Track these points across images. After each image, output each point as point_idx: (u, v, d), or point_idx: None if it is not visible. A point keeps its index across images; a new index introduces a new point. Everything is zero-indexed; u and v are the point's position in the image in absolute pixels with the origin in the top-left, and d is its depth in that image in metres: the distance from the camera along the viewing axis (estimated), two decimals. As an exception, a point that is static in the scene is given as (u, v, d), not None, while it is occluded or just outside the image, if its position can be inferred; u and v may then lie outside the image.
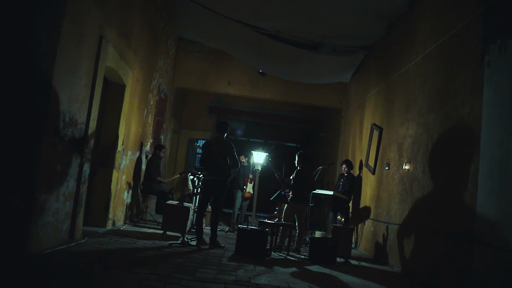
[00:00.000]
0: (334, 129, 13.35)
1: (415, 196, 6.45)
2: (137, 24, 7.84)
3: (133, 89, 8.11)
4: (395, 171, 7.42)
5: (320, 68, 10.56)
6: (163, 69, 10.68)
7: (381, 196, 8.05)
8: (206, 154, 7.42)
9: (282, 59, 10.47)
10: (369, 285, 5.31)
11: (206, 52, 12.26)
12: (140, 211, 9.57)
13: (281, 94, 12.37)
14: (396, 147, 7.50)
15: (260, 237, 6.53)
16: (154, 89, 9.91)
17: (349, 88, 11.74)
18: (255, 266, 5.65)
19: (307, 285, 4.86)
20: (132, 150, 8.57)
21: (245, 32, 9.70)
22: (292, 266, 6.12)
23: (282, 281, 4.94)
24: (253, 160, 9.58)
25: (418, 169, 6.44)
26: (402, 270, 6.57)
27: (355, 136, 10.55)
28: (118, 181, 7.81)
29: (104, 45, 6.16)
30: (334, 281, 5.40)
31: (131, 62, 7.76)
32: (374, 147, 8.71)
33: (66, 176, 5.44)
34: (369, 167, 8.89)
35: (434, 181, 5.92)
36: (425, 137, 6.34)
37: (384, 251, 7.42)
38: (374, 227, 8.23)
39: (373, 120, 9.10)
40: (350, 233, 7.84)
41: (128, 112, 7.92)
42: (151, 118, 9.98)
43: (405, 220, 6.76)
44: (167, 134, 12.54)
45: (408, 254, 6.44)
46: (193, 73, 12.20)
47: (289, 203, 7.72)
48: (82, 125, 5.81)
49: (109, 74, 7.04)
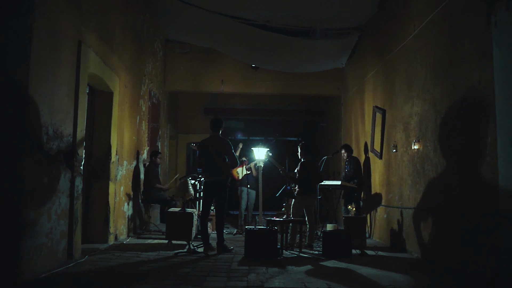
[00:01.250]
0: (335, 117, 12.98)
1: (428, 177, 6.08)
2: (119, 27, 7.49)
3: (122, 96, 7.75)
4: (403, 153, 7.06)
5: (313, 55, 10.19)
6: (153, 74, 10.32)
7: (391, 181, 7.69)
8: (202, 154, 7.07)
9: (274, 50, 10.12)
10: (391, 276, 4.94)
11: (195, 52, 11.89)
12: (144, 222, 9.23)
13: (276, 87, 12.00)
14: (402, 128, 7.14)
15: (269, 236, 6.18)
16: (145, 95, 9.55)
17: (345, 73, 11.37)
18: (267, 268, 5.30)
19: (325, 284, 4.50)
20: (128, 159, 8.22)
21: (233, 26, 9.34)
22: (307, 263, 5.76)
23: (297, 282, 4.58)
24: (254, 157, 9.22)
25: (428, 147, 6.07)
26: (422, 255, 6.20)
27: (357, 122, 10.19)
28: (116, 193, 7.46)
29: (84, 51, 5.80)
30: (353, 276, 5.04)
31: (117, 68, 7.41)
32: (379, 130, 8.35)
33: (56, 193, 5.08)
34: (375, 152, 8.53)
35: (447, 158, 5.56)
36: (432, 113, 5.97)
37: (401, 238, 7.06)
38: (387, 214, 7.86)
39: (374, 103, 8.74)
40: (363, 222, 7.47)
41: (119, 120, 7.57)
42: (145, 125, 9.63)
43: (420, 203, 6.40)
44: (164, 140, 12.19)
45: (427, 238, 6.07)
46: (184, 74, 11.83)
47: (296, 198, 7.35)
48: (69, 137, 5.46)
49: (94, 81, 6.69)
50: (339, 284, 4.48)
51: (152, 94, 10.31)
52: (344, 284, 4.50)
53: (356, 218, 7.35)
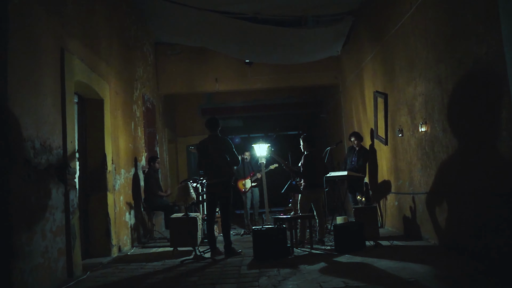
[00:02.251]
0: (334, 107, 12.68)
1: (439, 159, 5.79)
2: (104, 32, 7.20)
3: (114, 102, 7.47)
4: (410, 137, 6.76)
5: (307, 44, 9.89)
6: (145, 78, 10.02)
7: (399, 167, 7.40)
8: (202, 156, 6.80)
9: (266, 43, 9.81)
10: (411, 267, 4.66)
11: (186, 52, 11.59)
12: (148, 230, 8.95)
13: (272, 81, 11.69)
14: (406, 110, 6.84)
15: (278, 235, 5.90)
16: (138, 100, 9.26)
17: (342, 61, 11.06)
18: (279, 270, 5.02)
19: (341, 282, 4.22)
20: (125, 167, 7.94)
21: (222, 22, 9.04)
22: (320, 261, 5.48)
23: (312, 283, 4.30)
24: (256, 154, 8.93)
25: (437, 128, 5.78)
26: (439, 242, 5.91)
27: (358, 109, 9.89)
28: (116, 203, 7.18)
29: (67, 58, 5.52)
30: (370, 271, 4.75)
31: (106, 74, 7.13)
32: (382, 116, 8.05)
33: (49, 209, 4.81)
34: (380, 138, 8.23)
35: (458, 137, 5.26)
36: (438, 92, 5.67)
37: (415, 225, 6.77)
38: (398, 201, 7.58)
39: (375, 88, 8.44)
40: (374, 212, 7.18)
41: (113, 128, 7.29)
42: (140, 131, 9.34)
43: (432, 187, 6.11)
44: (163, 145, 11.89)
45: (443, 224, 5.78)
46: (177, 76, 11.53)
47: (302, 192, 7.06)
48: (59, 150, 5.18)
49: (82, 89, 6.43)
50: (357, 281, 4.20)
51: (146, 99, 10.02)
52: (362, 281, 4.22)
53: (366, 208, 7.06)
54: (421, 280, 4.07)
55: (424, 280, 4.08)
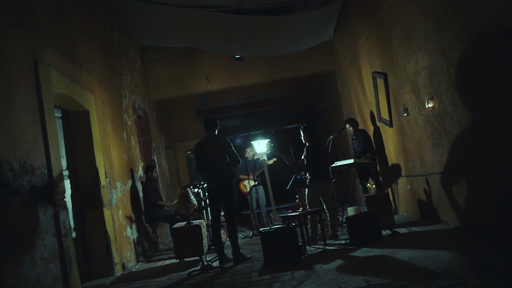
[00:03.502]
0: (332, 94, 12.26)
1: (452, 134, 5.38)
2: (83, 40, 6.80)
3: (101, 113, 7.07)
4: (416, 115, 6.36)
5: (297, 32, 9.48)
6: (133, 85, 9.63)
7: (408, 148, 6.99)
8: (200, 158, 6.42)
9: (254, 35, 9.42)
10: (436, 255, 4.26)
11: (174, 54, 11.18)
12: (153, 243, 8.57)
13: (265, 75, 11.26)
14: (409, 88, 6.44)
15: (288, 235, 5.50)
16: (128, 109, 8.86)
17: (335, 45, 10.63)
18: (293, 273, 4.62)
19: (362, 280, 3.82)
20: (121, 180, 7.55)
21: (206, 17, 8.64)
22: (335, 258, 5.07)
23: (330, 284, 3.91)
24: (256, 151, 8.54)
25: (445, 102, 5.37)
26: (460, 224, 5.51)
27: (357, 93, 9.48)
28: (115, 218, 6.80)
29: (43, 70, 5.12)
30: (392, 264, 4.36)
31: (89, 84, 6.73)
32: (383, 97, 7.64)
33: (38, 235, 4.42)
34: (384, 120, 7.83)
35: (471, 109, 4.85)
36: (442, 63, 5.26)
37: (431, 208, 6.38)
38: (411, 184, 7.18)
39: (373, 69, 8.03)
40: (387, 198, 6.78)
41: (103, 140, 6.90)
42: (134, 140, 8.95)
43: (447, 165, 5.70)
44: (160, 152, 11.50)
45: (463, 204, 5.38)
46: (167, 80, 11.12)
47: (309, 186, 6.65)
48: (43, 169, 4.79)
49: (63, 102, 6.04)
50: (379, 278, 3.81)
51: (137, 107, 9.63)
52: (385, 276, 3.82)
53: (378, 196, 6.67)
54: (451, 269, 3.67)
55: (454, 268, 3.69)
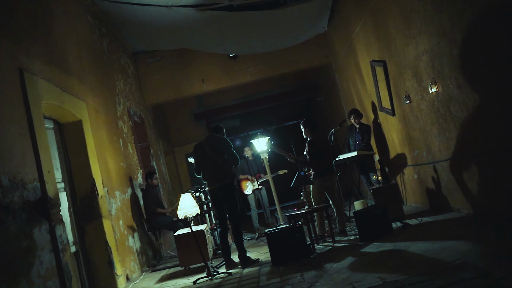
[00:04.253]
0: (331, 87, 12.04)
1: (459, 119, 5.16)
2: (71, 47, 6.59)
3: (95, 121, 6.86)
4: (419, 101, 6.14)
5: (290, 25, 9.26)
6: (127, 91, 9.42)
7: (412, 136, 6.78)
8: (199, 159, 6.22)
9: (247, 32, 9.19)
10: (452, 246, 4.04)
11: (167, 57, 10.97)
12: (157, 251, 8.36)
13: (260, 72, 11.04)
14: (410, 74, 6.22)
15: (295, 234, 5.29)
16: (123, 115, 8.66)
17: (331, 37, 10.41)
18: (302, 274, 4.41)
19: (377, 278, 3.61)
20: (120, 189, 7.34)
21: (196, 17, 8.42)
22: (346, 255, 4.86)
23: (343, 284, 3.70)
24: (256, 150, 8.31)
25: (449, 85, 5.15)
26: (474, 211, 5.29)
27: (356, 84, 9.26)
28: (115, 229, 6.60)
29: (29, 80, 4.91)
30: (406, 258, 4.14)
31: (80, 92, 6.51)
32: (383, 86, 7.42)
33: (33, 252, 4.21)
34: (386, 110, 7.61)
35: (478, 90, 4.63)
36: (444, 44, 5.05)
37: (441, 196, 6.16)
38: (418, 173, 6.96)
39: (371, 57, 7.81)
40: (395, 189, 6.56)
41: (98, 149, 6.69)
42: (131, 147, 8.74)
43: (455, 151, 5.48)
44: (159, 158, 11.29)
45: (475, 190, 5.15)
46: (162, 84, 10.91)
47: (313, 182, 6.43)
48: (35, 183, 4.58)
49: (55, 112, 5.84)
50: (395, 274, 3.59)
51: (132, 113, 9.42)
52: (400, 272, 3.61)
53: (385, 187, 6.45)
54: (471, 261, 3.45)
55: (474, 260, 3.47)
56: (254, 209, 9.47)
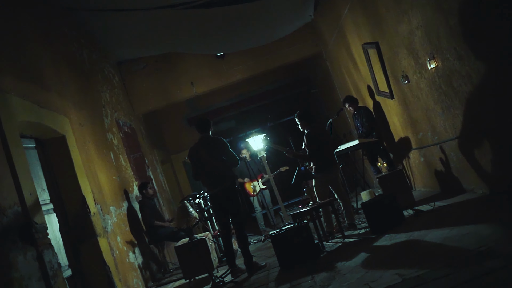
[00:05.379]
0: (324, 77, 11.69)
1: (463, 93, 4.81)
2: (48, 60, 6.24)
3: (80, 136, 6.52)
4: (418, 79, 5.79)
5: (275, 17, 8.90)
6: (114, 102, 9.06)
7: (414, 118, 6.43)
8: (196, 163, 5.86)
9: (231, 28, 8.85)
10: (473, 231, 3.69)
11: (153, 63, 10.60)
12: (161, 264, 8.01)
13: (250, 68, 10.68)
14: (405, 52, 5.87)
15: (301, 234, 4.93)
16: (112, 127, 8.30)
17: (318, 25, 10.05)
18: (313, 277, 4.07)
19: (396, 275, 3.26)
20: (115, 204, 6.99)
21: (177, 17, 8.08)
22: (358, 251, 4.51)
23: (358, 284, 3.36)
24: (252, 149, 7.97)
25: (449, 58, 4.80)
26: (490, 190, 4.93)
27: (350, 70, 8.91)
28: (113, 246, 6.25)
29: (1, 98, 4.57)
30: (425, 248, 3.79)
31: (61, 107, 6.16)
32: (379, 68, 7.07)
33: (19, 283, 3.86)
34: (384, 93, 7.26)
35: (482, 60, 4.28)
36: (440, 16, 4.70)
37: (452, 177, 5.81)
38: (424, 156, 6.61)
39: (362, 41, 7.46)
40: (402, 176, 6.20)
41: (86, 164, 6.35)
42: (124, 159, 8.38)
43: (463, 128, 5.13)
44: (156, 167, 10.94)
45: (489, 167, 4.80)
46: (150, 91, 10.54)
47: (316, 177, 6.08)
48: (16, 207, 4.22)
49: (34, 130, 5.49)
50: (414, 269, 3.25)
51: (122, 124, 9.07)
52: (420, 266, 3.26)
53: (392, 174, 6.11)
54: (496, 247, 3.11)
55: (499, 245, 3.13)
56: (259, 210, 9.13)
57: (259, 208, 9.09)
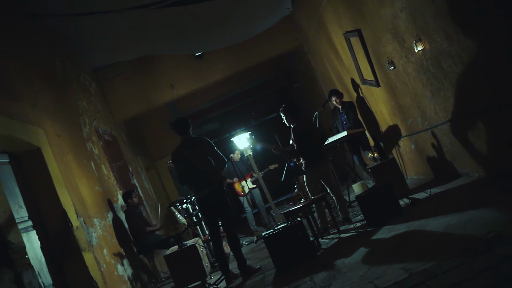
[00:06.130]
0: (306, 71, 11.50)
1: (453, 74, 4.63)
2: (17, 70, 5.91)
3: (57, 147, 6.20)
4: (405, 64, 5.60)
5: (252, 11, 8.66)
6: (92, 110, 8.73)
7: (403, 104, 6.24)
8: (180, 167, 5.59)
9: (207, 26, 8.58)
10: (477, 217, 3.49)
11: (130, 68, 10.25)
12: (152, 274, 7.72)
13: (230, 67, 10.41)
14: (390, 36, 5.68)
15: (296, 233, 4.70)
16: (91, 136, 7.98)
17: (297, 17, 9.82)
18: (312, 277, 3.84)
19: (400, 269, 3.05)
20: (98, 215, 6.69)
21: (151, 18, 7.79)
22: (357, 246, 4.29)
23: (362, 282, 3.13)
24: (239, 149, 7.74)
25: (437, 39, 4.61)
26: (486, 173, 4.76)
27: (332, 62, 8.72)
28: (99, 260, 5.95)
29: (-36, 112, 4.27)
30: (428, 239, 3.58)
31: (34, 118, 5.85)
32: (362, 56, 6.87)
33: (-4, 309, 3.58)
34: (369, 82, 7.07)
35: (471, 38, 4.09)
36: (424, -5, 4.51)
37: (446, 162, 5.63)
38: (415, 143, 6.43)
39: (343, 30, 7.25)
40: (395, 164, 6.01)
41: (65, 176, 6.03)
42: (106, 168, 8.07)
43: (455, 110, 4.95)
44: (140, 174, 10.62)
45: (485, 149, 4.62)
46: (129, 97, 10.20)
47: (306, 172, 5.85)
48: (-12, 228, 3.93)
49: (6, 144, 5.17)
50: (420, 262, 3.04)
51: (102, 132, 8.75)
52: (425, 258, 3.05)
53: (384, 164, 5.91)
54: (506, 232, 2.91)
55: (508, 230, 2.93)
56: (249, 210, 8.89)
57: (249, 208, 8.86)
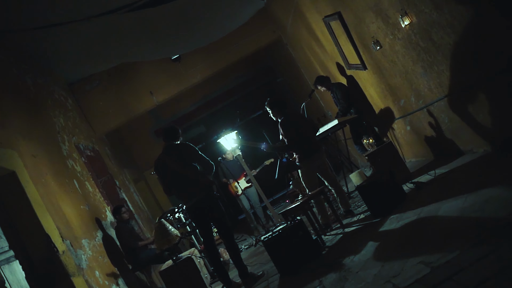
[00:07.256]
0: (287, 64, 11.18)
1: (446, 45, 4.33)
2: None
3: (34, 168, 5.81)
4: (392, 42, 5.30)
5: (224, 8, 8.32)
6: (70, 126, 8.32)
7: (393, 85, 5.95)
8: (164, 177, 5.25)
9: (181, 26, 8.23)
10: (491, 198, 3.18)
11: (106, 78, 9.85)
12: (149, 290, 7.36)
13: (209, 67, 10.05)
14: (373, 15, 5.37)
15: (297, 233, 4.37)
16: (71, 153, 7.58)
17: (272, 9, 9.48)
18: (321, 281, 3.51)
19: (419, 264, 2.73)
20: (86, 235, 6.30)
21: (121, 23, 7.42)
22: (364, 241, 3.96)
23: (378, 283, 2.81)
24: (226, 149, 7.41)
25: (425, 10, 4.30)
26: (491, 147, 4.47)
27: (314, 50, 8.40)
28: (91, 283, 5.58)
29: None
30: (443, 226, 3.27)
31: (6, 140, 5.45)
32: (345, 40, 6.56)
33: None
34: (355, 66, 6.76)
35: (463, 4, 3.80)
36: (407, -36, 4.21)
37: (446, 140, 5.33)
38: (410, 124, 6.14)
39: (322, 15, 6.94)
40: (392, 148, 5.69)
41: (46, 198, 5.65)
42: (90, 185, 7.67)
43: (451, 84, 4.66)
44: (128, 187, 10.23)
45: (488, 122, 4.33)
46: (108, 109, 9.79)
47: (301, 166, 5.51)
48: (-39, 265, 3.56)
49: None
50: (441, 253, 2.72)
51: (83, 148, 8.34)
52: (447, 249, 2.74)
53: (381, 149, 5.60)
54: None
55: (534, 207, 2.63)
56: (248, 208, 8.56)
57: (248, 207, 8.54)
